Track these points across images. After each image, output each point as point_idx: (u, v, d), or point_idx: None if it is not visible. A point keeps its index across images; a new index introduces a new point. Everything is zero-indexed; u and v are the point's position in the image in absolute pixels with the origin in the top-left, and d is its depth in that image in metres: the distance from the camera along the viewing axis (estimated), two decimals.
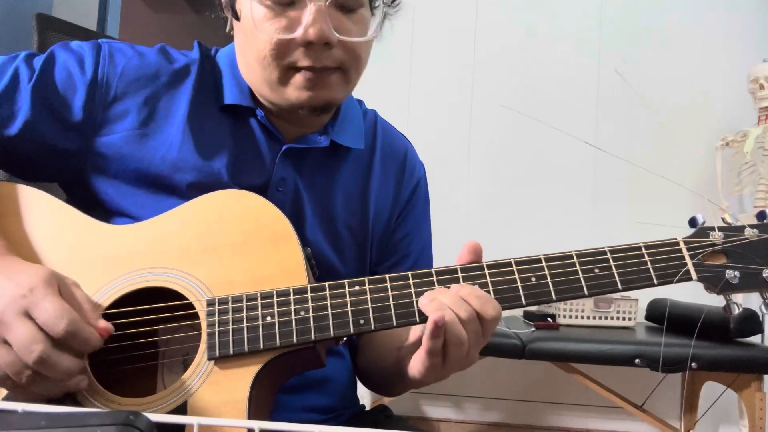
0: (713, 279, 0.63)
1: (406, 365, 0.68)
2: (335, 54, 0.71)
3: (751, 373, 1.74)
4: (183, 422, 0.43)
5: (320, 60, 0.70)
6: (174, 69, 0.78)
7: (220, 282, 0.64)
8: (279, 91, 0.73)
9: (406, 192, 0.89)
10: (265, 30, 0.70)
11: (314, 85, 0.72)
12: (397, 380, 0.76)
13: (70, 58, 0.74)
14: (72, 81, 0.73)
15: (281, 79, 0.72)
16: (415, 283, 0.64)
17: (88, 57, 0.75)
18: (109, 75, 0.74)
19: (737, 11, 2.41)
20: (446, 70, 2.54)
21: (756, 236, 0.64)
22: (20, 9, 1.63)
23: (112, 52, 0.76)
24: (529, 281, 0.63)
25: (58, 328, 0.54)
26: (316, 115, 0.75)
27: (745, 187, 2.17)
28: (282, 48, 0.70)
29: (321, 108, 0.74)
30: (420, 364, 0.65)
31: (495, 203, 2.48)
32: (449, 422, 2.41)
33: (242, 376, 0.60)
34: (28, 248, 0.66)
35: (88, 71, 0.74)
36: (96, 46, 0.76)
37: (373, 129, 0.89)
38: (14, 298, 0.55)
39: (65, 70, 0.74)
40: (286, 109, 0.75)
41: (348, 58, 0.72)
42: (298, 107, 0.73)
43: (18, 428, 0.35)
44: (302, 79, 0.71)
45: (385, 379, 0.82)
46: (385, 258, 0.88)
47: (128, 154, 0.73)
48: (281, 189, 0.77)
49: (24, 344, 0.54)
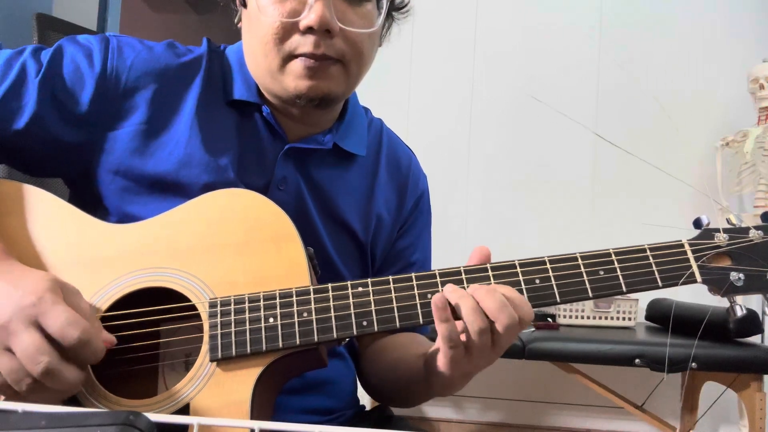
0: (718, 281, 0.63)
1: (433, 367, 0.66)
2: (336, 44, 0.71)
3: (751, 373, 1.74)
4: (183, 422, 0.43)
5: (320, 47, 0.70)
6: (182, 63, 0.77)
7: (222, 282, 0.63)
8: (278, 79, 0.73)
9: (409, 202, 0.88)
10: (269, 14, 0.70)
11: (313, 74, 0.71)
12: (420, 387, 0.73)
13: (78, 52, 0.74)
14: (80, 74, 0.72)
15: (281, 67, 0.72)
16: (419, 285, 0.63)
17: (97, 50, 0.74)
18: (118, 69, 0.74)
19: (737, 11, 2.41)
20: (446, 68, 2.54)
21: (760, 238, 0.63)
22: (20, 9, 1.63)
23: (121, 45, 0.75)
24: (533, 283, 0.63)
25: (71, 338, 0.53)
26: (314, 106, 0.74)
27: (745, 187, 2.17)
28: (284, 33, 0.70)
29: (320, 99, 0.73)
30: (442, 355, 0.63)
31: (495, 205, 2.48)
32: (449, 422, 2.41)
33: (245, 377, 0.60)
34: (28, 248, 0.65)
35: (97, 65, 0.73)
36: (104, 39, 0.75)
37: (379, 138, 0.88)
38: (22, 307, 0.53)
39: (73, 64, 0.73)
40: (287, 101, 0.75)
41: (349, 51, 0.72)
42: (296, 97, 0.73)
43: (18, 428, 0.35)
44: (301, 66, 0.71)
45: (404, 388, 0.79)
46: (389, 266, 0.87)
47: (135, 150, 0.73)
48: (282, 188, 0.77)
49: (30, 355, 0.52)
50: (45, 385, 0.54)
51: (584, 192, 2.46)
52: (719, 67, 2.40)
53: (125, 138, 0.73)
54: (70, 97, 0.72)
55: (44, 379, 0.53)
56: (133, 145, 0.73)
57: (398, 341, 0.83)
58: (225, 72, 0.79)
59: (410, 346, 0.80)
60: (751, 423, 1.77)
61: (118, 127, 0.73)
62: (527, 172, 2.48)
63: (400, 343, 0.83)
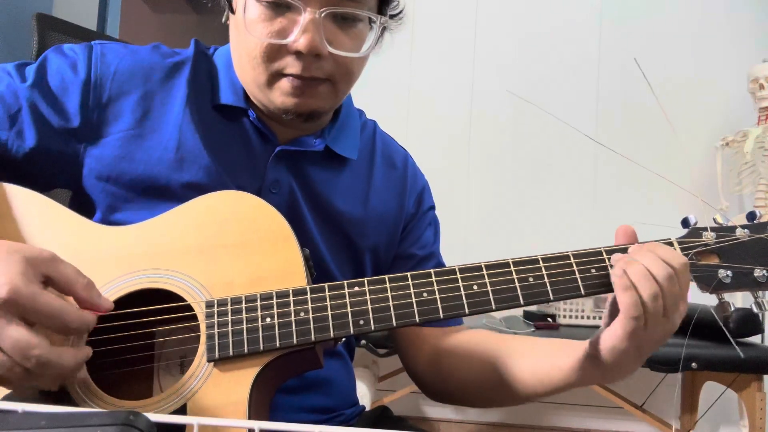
0: (706, 279, 0.64)
1: (601, 350, 0.63)
2: (325, 66, 0.70)
3: (750, 373, 1.74)
4: (183, 422, 0.43)
5: (309, 70, 0.69)
6: (167, 66, 0.77)
7: (219, 283, 0.63)
8: (266, 93, 0.72)
9: (410, 200, 0.88)
10: (257, 32, 0.69)
11: (301, 93, 0.71)
12: (548, 387, 0.71)
13: (63, 63, 0.74)
14: (66, 85, 0.72)
15: (268, 82, 0.71)
16: (414, 284, 0.63)
17: (81, 60, 0.74)
18: (102, 76, 0.74)
19: (737, 11, 2.41)
20: (446, 68, 2.54)
21: (747, 236, 0.64)
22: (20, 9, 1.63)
23: (104, 52, 0.75)
24: (527, 281, 0.63)
25: (29, 360, 0.50)
26: (302, 121, 0.74)
27: (745, 187, 2.17)
28: (272, 53, 0.69)
29: (306, 115, 0.73)
30: (620, 330, 0.60)
31: (495, 205, 2.48)
32: (449, 422, 2.41)
33: (242, 377, 0.60)
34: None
35: (81, 73, 0.73)
36: (88, 48, 0.75)
37: (372, 140, 0.88)
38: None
39: (59, 75, 0.73)
40: (274, 113, 0.75)
41: (338, 72, 0.71)
42: (283, 112, 0.73)
43: (18, 428, 0.35)
44: (289, 85, 0.70)
45: (517, 389, 0.74)
46: (400, 266, 0.86)
47: (124, 156, 0.72)
48: (275, 191, 0.76)
49: (20, 351, 0.50)
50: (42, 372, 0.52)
51: (585, 191, 2.46)
52: (719, 67, 2.40)
53: (114, 145, 0.73)
54: (57, 109, 0.72)
55: (40, 370, 0.51)
56: (122, 151, 0.72)
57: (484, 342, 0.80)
58: (212, 75, 0.79)
59: (510, 343, 0.78)
60: (751, 423, 1.77)
61: (105, 134, 0.73)
62: (527, 171, 2.48)
63: (493, 342, 0.79)
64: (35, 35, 1.08)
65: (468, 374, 0.79)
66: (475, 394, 0.81)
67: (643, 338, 0.60)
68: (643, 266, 0.59)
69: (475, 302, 0.63)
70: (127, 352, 0.64)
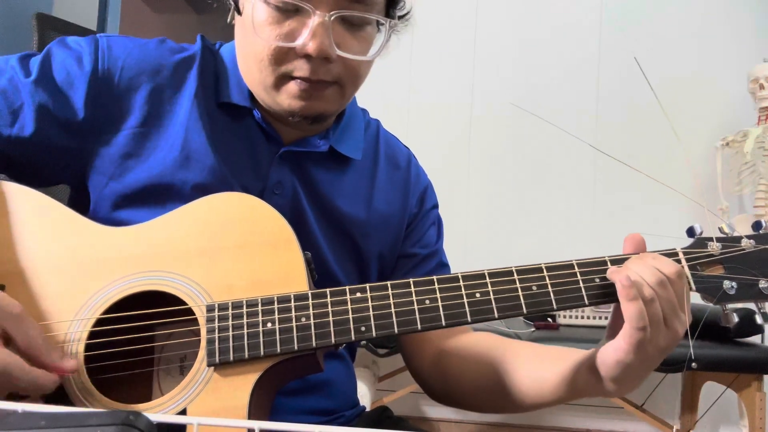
0: (711, 290, 0.63)
1: (604, 362, 0.62)
2: (333, 69, 0.70)
3: (750, 373, 1.74)
4: (183, 422, 0.43)
5: (317, 73, 0.69)
6: (175, 62, 0.76)
7: (220, 286, 0.63)
8: (272, 95, 0.72)
9: (414, 199, 0.87)
10: (265, 34, 0.68)
11: (308, 96, 0.70)
12: (554, 394, 0.70)
13: (68, 56, 0.72)
14: (71, 79, 0.71)
15: (275, 85, 0.71)
16: (417, 291, 0.63)
17: (87, 53, 0.72)
18: (109, 70, 0.72)
19: (737, 11, 2.41)
20: (446, 68, 2.54)
21: (752, 247, 0.64)
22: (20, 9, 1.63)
23: (111, 45, 0.74)
24: (531, 290, 0.63)
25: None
26: (308, 123, 0.74)
27: (745, 187, 2.17)
28: (280, 55, 0.69)
29: (313, 118, 0.73)
30: (625, 341, 0.59)
31: (495, 205, 2.48)
32: (449, 422, 2.41)
33: (242, 382, 0.59)
34: (20, 251, 0.64)
35: (87, 67, 0.72)
36: (93, 40, 0.74)
37: (376, 139, 0.88)
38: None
39: (64, 69, 0.72)
40: (280, 115, 0.74)
41: (346, 74, 0.71)
42: (290, 114, 0.72)
43: (18, 428, 0.35)
44: (296, 88, 0.70)
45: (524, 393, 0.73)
46: (403, 266, 0.86)
47: (130, 154, 0.72)
48: (278, 192, 0.76)
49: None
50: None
51: (585, 192, 2.46)
52: (719, 67, 2.40)
53: (121, 142, 0.72)
54: (63, 104, 0.71)
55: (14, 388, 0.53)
56: (128, 149, 0.72)
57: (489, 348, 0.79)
58: (218, 72, 0.78)
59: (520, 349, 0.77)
60: (751, 423, 1.77)
61: (113, 130, 0.72)
62: (527, 172, 2.48)
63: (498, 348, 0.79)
64: (35, 35, 1.08)
65: (469, 376, 0.79)
66: (475, 396, 0.80)
67: (648, 350, 0.60)
68: (635, 272, 0.59)
69: (477, 310, 0.62)
70: (127, 355, 0.64)
